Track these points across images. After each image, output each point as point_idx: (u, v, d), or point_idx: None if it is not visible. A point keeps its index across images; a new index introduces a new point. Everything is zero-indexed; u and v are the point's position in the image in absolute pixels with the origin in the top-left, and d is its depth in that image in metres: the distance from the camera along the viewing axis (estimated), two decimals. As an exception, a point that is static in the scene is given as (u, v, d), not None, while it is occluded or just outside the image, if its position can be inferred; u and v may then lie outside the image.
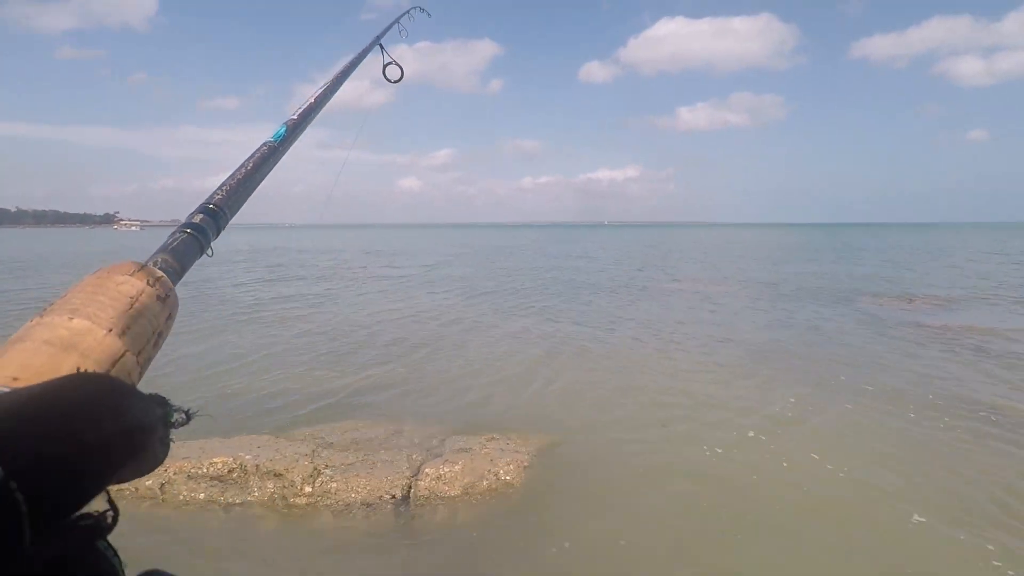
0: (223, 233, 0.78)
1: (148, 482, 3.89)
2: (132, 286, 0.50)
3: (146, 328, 0.49)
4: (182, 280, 0.62)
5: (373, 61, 1.60)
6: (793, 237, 62.50)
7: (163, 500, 3.74)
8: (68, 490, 0.35)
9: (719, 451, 4.42)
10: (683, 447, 4.55)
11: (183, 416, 0.48)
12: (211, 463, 4.04)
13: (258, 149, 0.92)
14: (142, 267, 0.54)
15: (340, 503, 3.70)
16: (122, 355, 0.45)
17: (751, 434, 4.72)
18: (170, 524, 3.49)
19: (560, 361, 7.25)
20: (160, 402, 0.45)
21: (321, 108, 1.17)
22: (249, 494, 3.81)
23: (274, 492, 3.81)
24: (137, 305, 0.49)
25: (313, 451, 4.26)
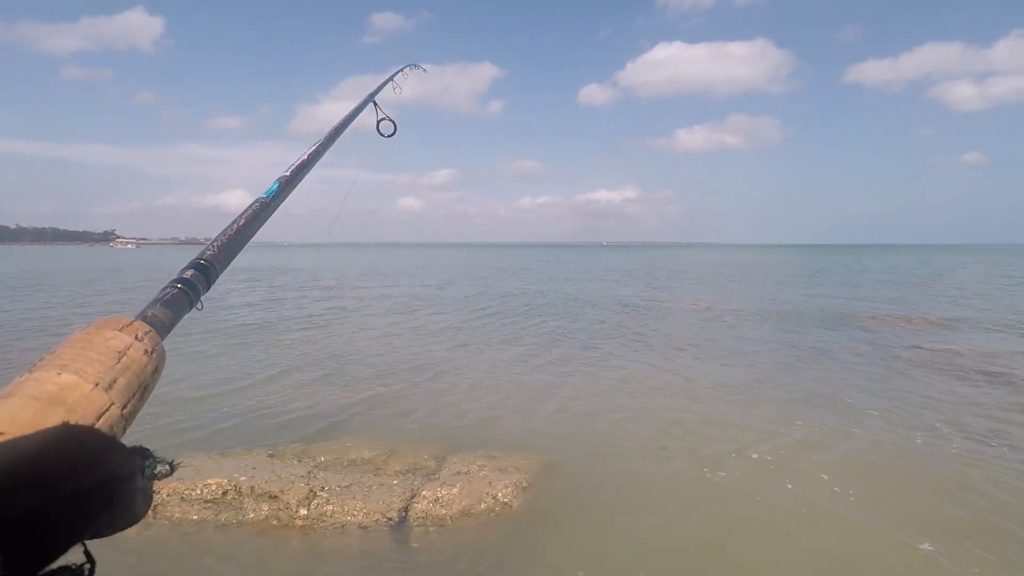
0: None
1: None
2: (120, 341, 0.52)
3: (133, 382, 0.50)
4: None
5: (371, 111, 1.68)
6: (790, 258, 62.69)
7: (155, 520, 3.68)
8: (43, 542, 0.36)
9: (721, 474, 4.37)
10: (683, 470, 4.50)
11: (166, 468, 0.48)
12: (205, 484, 3.99)
13: (250, 205, 0.94)
14: (131, 322, 0.56)
15: (336, 525, 3.64)
16: (108, 408, 0.46)
17: (755, 456, 4.67)
18: (162, 544, 3.43)
19: (560, 383, 7.21)
20: (142, 453, 0.46)
21: (314, 165, 1.19)
22: (243, 516, 3.75)
23: (269, 514, 3.75)
24: (124, 359, 0.51)
25: (309, 472, 4.21)
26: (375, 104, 1.74)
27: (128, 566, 3.05)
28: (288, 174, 1.08)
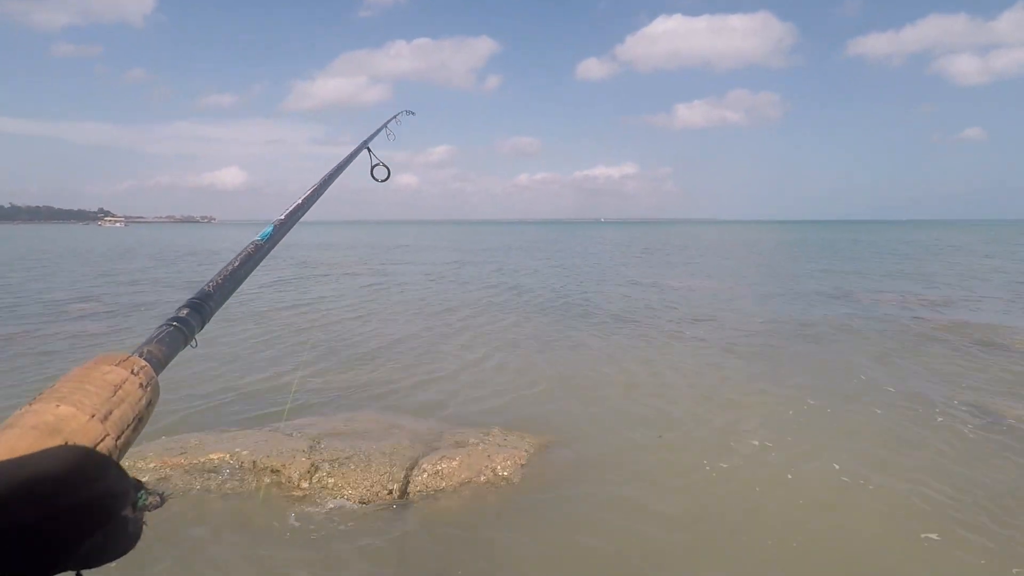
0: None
1: (145, 478, 3.88)
2: (117, 375, 0.55)
3: (128, 414, 0.53)
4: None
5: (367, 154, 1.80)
6: (790, 234, 62.48)
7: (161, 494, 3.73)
8: (40, 554, 0.37)
9: (720, 457, 4.37)
10: (682, 452, 4.53)
11: (157, 499, 0.51)
12: (208, 458, 4.04)
13: (245, 247, 0.96)
14: (128, 357, 0.59)
15: (337, 498, 3.70)
16: (103, 438, 0.48)
17: (755, 443, 4.63)
18: (163, 512, 3.48)
19: (562, 360, 7.26)
20: (135, 485, 0.49)
21: (308, 209, 1.23)
22: (245, 487, 3.81)
23: (271, 485, 3.81)
24: (120, 392, 0.54)
25: (310, 446, 4.26)
26: (369, 150, 1.83)
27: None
28: (283, 217, 1.12)
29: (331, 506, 3.62)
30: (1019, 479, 3.96)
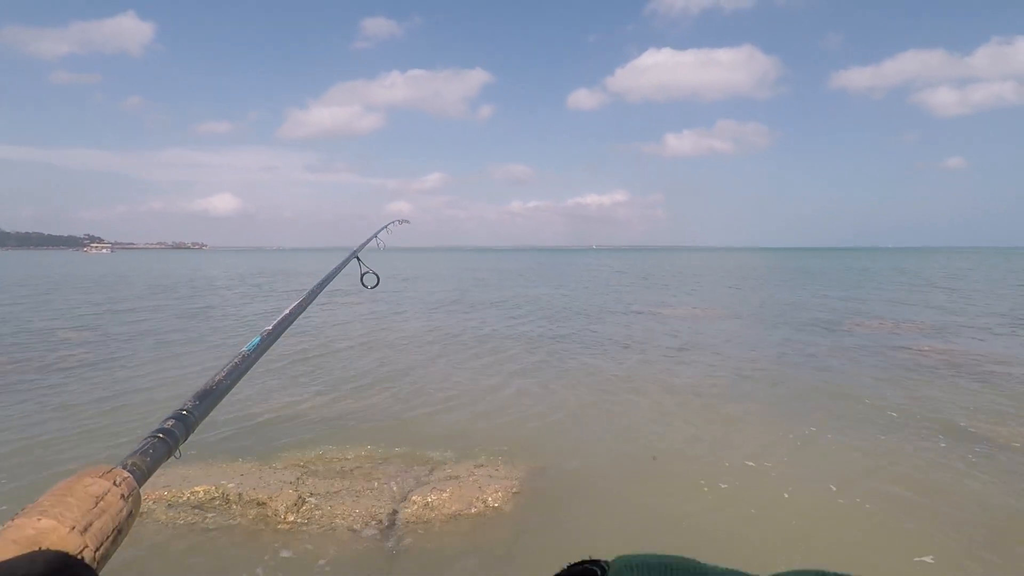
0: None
1: (126, 511, 3.78)
2: (99, 487, 0.57)
3: (108, 525, 0.55)
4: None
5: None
6: (782, 261, 63.13)
7: (142, 525, 3.62)
8: None
9: (714, 481, 4.34)
10: (676, 475, 4.49)
11: None
12: (192, 492, 3.95)
13: (231, 359, 0.97)
14: (111, 469, 0.61)
15: (325, 530, 3.61)
16: (82, 550, 0.50)
17: (751, 464, 4.63)
18: (149, 542, 3.38)
19: (553, 388, 7.21)
20: None
21: (295, 319, 1.24)
22: (231, 521, 3.71)
23: (256, 519, 3.71)
24: (102, 504, 0.55)
25: (297, 479, 4.17)
26: (358, 260, 1.92)
27: (111, 569, 3.00)
28: (270, 328, 1.13)
29: (319, 537, 3.53)
30: (1019, 503, 3.96)
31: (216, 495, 3.88)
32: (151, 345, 10.03)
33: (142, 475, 0.67)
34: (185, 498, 3.89)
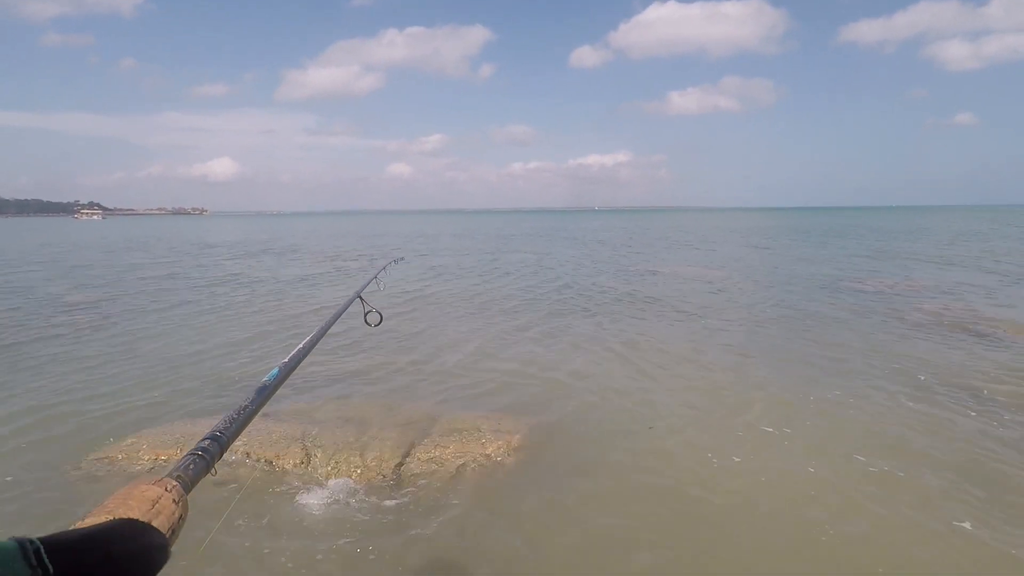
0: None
1: (137, 467, 3.87)
2: (153, 492, 0.68)
3: (164, 524, 0.66)
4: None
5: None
6: (784, 221, 62.57)
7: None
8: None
9: (716, 442, 4.38)
10: (673, 439, 4.56)
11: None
12: (201, 448, 4.03)
13: (257, 389, 1.13)
14: (160, 479, 0.73)
15: (331, 485, 3.70)
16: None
17: (768, 428, 4.65)
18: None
19: (556, 348, 7.26)
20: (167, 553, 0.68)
21: (309, 353, 1.44)
22: (239, 477, 3.80)
23: (265, 474, 3.80)
24: (157, 506, 0.67)
25: (303, 434, 4.25)
26: (361, 299, 2.08)
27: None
28: (287, 360, 1.31)
29: (326, 492, 3.62)
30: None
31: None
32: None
33: (187, 486, 0.77)
34: (194, 455, 3.97)
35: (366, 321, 2.06)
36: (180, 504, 0.71)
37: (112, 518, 0.62)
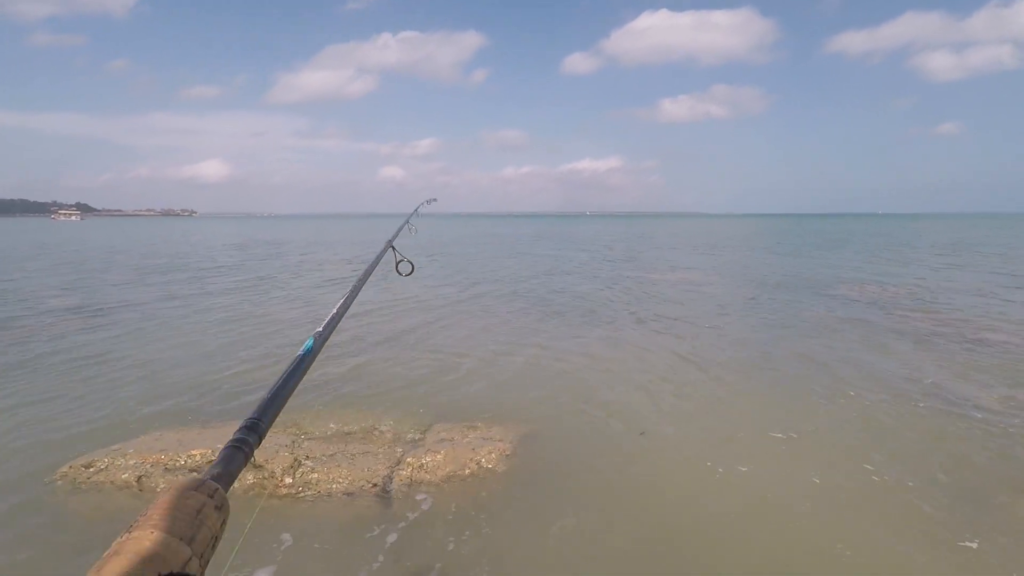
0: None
1: (124, 475, 3.83)
2: (196, 500, 0.67)
3: (207, 535, 0.65)
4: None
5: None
6: (772, 227, 63.08)
7: (140, 492, 3.68)
8: None
9: (713, 450, 4.42)
10: (664, 444, 4.58)
11: None
12: (189, 455, 3.99)
13: (291, 362, 1.06)
14: (203, 483, 0.70)
15: (321, 493, 3.68)
16: (189, 559, 0.60)
17: (778, 434, 4.74)
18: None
19: (547, 354, 7.27)
20: None
21: (343, 316, 1.35)
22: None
23: (254, 483, 3.77)
24: (200, 515, 0.65)
25: (293, 442, 4.22)
26: (393, 248, 2.01)
27: (108, 531, 3.05)
28: (321, 329, 1.23)
29: (316, 500, 3.60)
30: None
31: (213, 458, 3.92)
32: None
33: (227, 483, 0.77)
34: (182, 462, 3.94)
35: (397, 270, 1.94)
36: (222, 510, 0.70)
37: (151, 564, 0.58)
